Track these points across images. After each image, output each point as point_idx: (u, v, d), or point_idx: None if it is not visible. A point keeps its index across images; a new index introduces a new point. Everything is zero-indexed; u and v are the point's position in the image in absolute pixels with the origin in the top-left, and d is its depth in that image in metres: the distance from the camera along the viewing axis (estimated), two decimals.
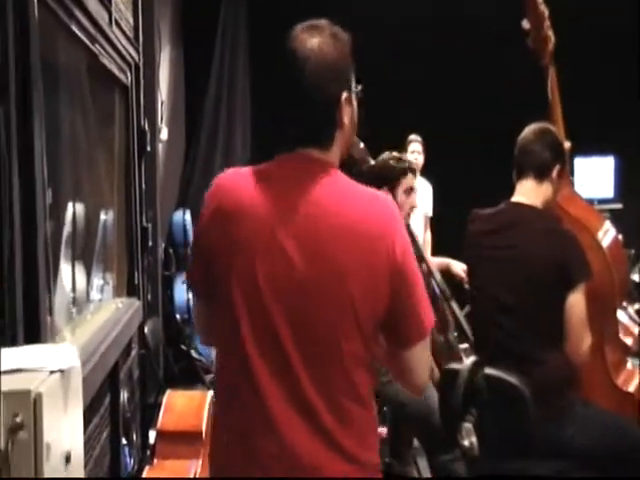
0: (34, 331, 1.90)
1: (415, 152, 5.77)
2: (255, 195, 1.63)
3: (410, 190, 3.45)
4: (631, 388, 3.14)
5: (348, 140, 1.73)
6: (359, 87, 1.72)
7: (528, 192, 2.87)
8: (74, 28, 2.42)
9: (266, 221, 1.61)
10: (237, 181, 1.68)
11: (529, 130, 2.91)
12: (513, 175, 2.92)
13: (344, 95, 1.65)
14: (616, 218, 4.37)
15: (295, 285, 1.59)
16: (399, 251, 1.61)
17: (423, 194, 5.57)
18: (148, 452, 3.65)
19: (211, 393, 3.62)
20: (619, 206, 5.87)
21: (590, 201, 4.47)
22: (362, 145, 3.13)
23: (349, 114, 1.67)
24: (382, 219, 1.63)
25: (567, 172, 3.05)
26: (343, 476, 1.61)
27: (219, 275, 1.65)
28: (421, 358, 1.70)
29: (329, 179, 1.64)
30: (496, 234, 2.85)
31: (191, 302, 5.46)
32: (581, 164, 6.13)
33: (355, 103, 1.70)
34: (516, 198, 2.89)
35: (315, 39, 1.64)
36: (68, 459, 1.53)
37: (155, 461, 3.34)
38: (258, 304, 1.60)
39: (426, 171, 5.85)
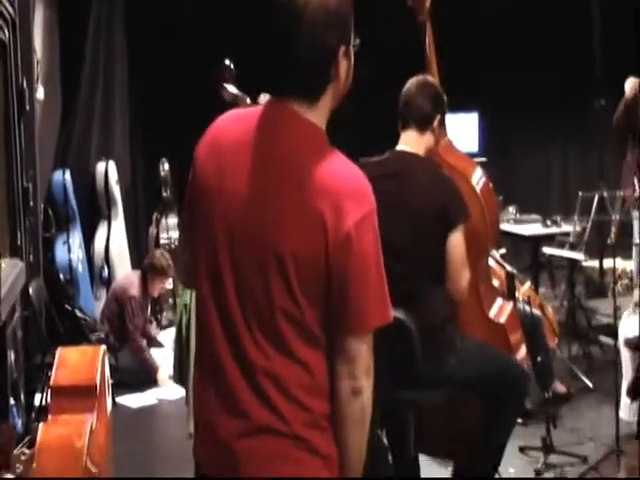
0: None
1: None
2: (234, 137, 1.61)
3: None
4: (502, 319, 3.37)
5: (340, 95, 1.64)
6: (357, 42, 1.64)
7: (411, 141, 3.04)
8: None
9: (232, 164, 1.58)
10: (228, 119, 1.66)
11: (411, 83, 3.07)
12: (398, 125, 3.06)
13: (342, 48, 1.58)
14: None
15: (236, 231, 1.57)
16: (350, 223, 1.51)
17: None
18: (34, 413, 3.61)
19: (103, 347, 3.62)
20: (483, 159, 6.17)
21: None
22: None
23: (345, 68, 1.60)
24: (338, 183, 1.54)
25: (444, 123, 3.23)
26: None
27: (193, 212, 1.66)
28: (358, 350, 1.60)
29: (304, 140, 1.57)
30: (385, 180, 2.94)
31: (72, 262, 5.40)
32: (448, 120, 6.38)
33: (352, 58, 1.63)
34: (401, 147, 3.06)
35: None
36: None
37: (49, 417, 3.32)
38: (212, 248, 1.60)
39: None
